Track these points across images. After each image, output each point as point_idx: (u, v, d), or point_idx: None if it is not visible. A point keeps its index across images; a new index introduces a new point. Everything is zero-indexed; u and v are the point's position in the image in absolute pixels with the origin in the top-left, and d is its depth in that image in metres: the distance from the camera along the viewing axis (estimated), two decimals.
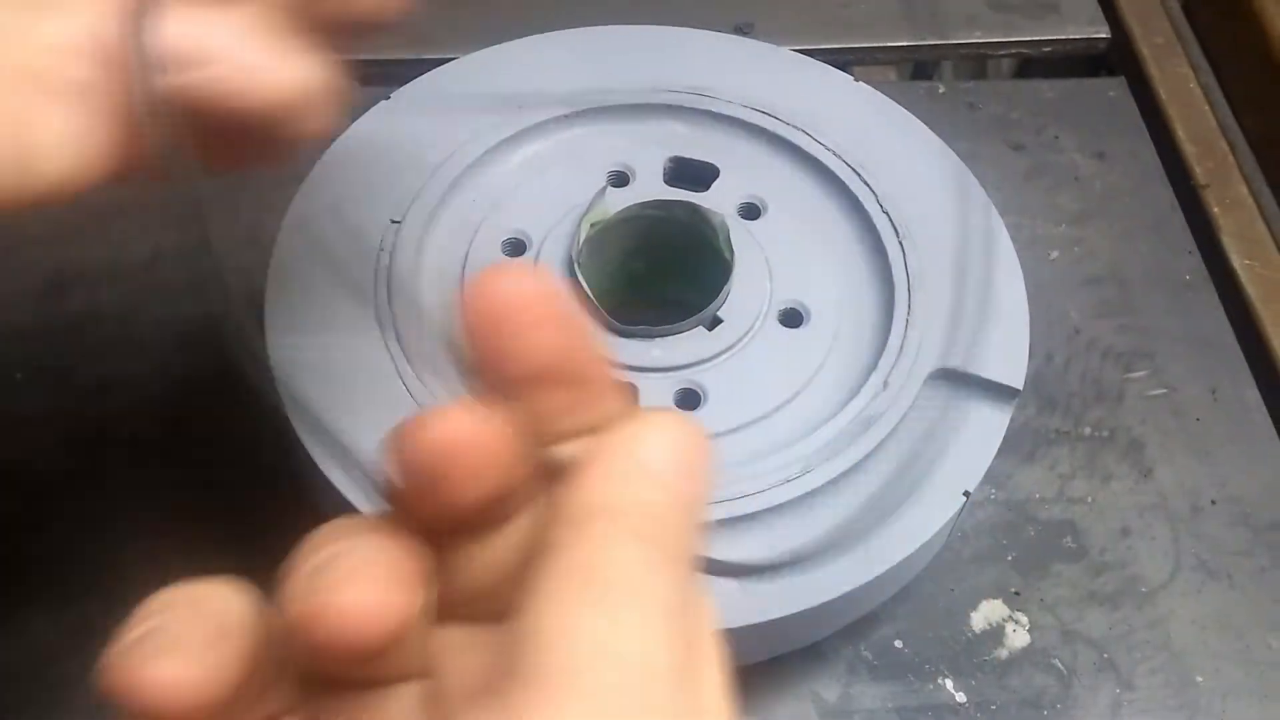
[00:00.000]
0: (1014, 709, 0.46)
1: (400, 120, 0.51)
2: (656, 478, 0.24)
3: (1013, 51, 0.70)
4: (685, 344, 0.46)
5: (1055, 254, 0.59)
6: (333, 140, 0.49)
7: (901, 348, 0.45)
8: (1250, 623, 0.48)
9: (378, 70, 0.64)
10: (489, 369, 0.24)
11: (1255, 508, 0.51)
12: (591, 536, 0.22)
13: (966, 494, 0.42)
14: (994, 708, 0.46)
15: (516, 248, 0.48)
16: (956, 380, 0.45)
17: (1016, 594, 0.48)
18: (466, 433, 0.23)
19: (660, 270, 0.51)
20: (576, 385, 0.25)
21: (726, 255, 0.47)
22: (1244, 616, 0.48)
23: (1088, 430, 0.53)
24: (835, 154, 0.51)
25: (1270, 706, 0.46)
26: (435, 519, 0.24)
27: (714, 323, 0.46)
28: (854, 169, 0.50)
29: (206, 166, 0.30)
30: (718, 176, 0.51)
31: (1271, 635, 0.48)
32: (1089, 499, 0.51)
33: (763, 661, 0.44)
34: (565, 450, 0.25)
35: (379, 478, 0.24)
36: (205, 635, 0.22)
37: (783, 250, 0.48)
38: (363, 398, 0.42)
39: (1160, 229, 0.61)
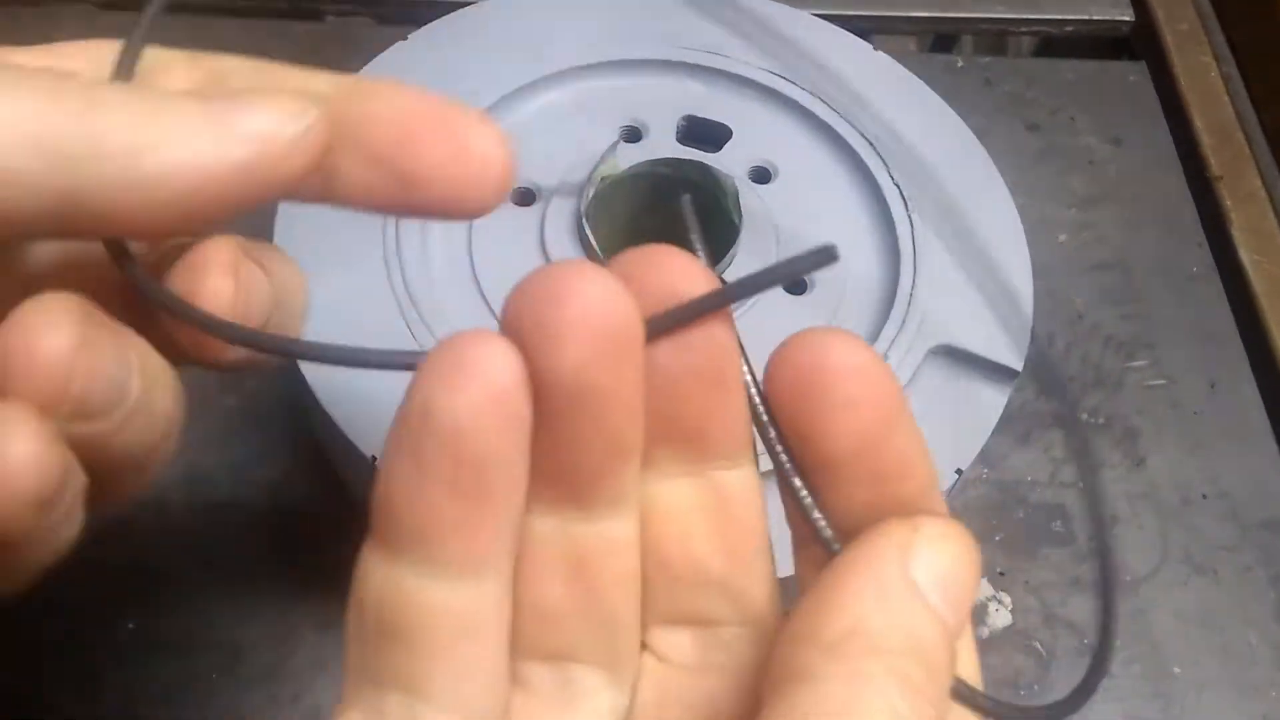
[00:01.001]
0: (991, 688, 0.45)
1: (417, 61, 0.50)
2: (930, 606, 0.21)
3: (1034, 29, 0.69)
4: None
5: (1063, 237, 0.59)
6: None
7: (904, 321, 0.45)
8: (1232, 619, 0.48)
9: (397, 9, 0.64)
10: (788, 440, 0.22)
11: (1245, 504, 0.51)
12: (851, 673, 0.19)
13: (959, 472, 0.42)
14: None
15: (526, 196, 0.48)
16: (957, 358, 0.44)
17: (1002, 574, 0.48)
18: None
19: (668, 229, 0.50)
20: (880, 480, 0.22)
21: (735, 218, 0.47)
22: (1226, 612, 0.49)
23: (1084, 416, 0.53)
24: (849, 122, 0.50)
25: (1246, 701, 0.47)
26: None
27: None
28: (867, 139, 0.50)
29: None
30: (730, 138, 0.50)
31: (1252, 632, 0.48)
32: (1080, 484, 0.51)
33: None
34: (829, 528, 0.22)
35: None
36: None
37: (791, 216, 0.48)
38: (366, 337, 0.42)
39: (1171, 219, 0.60)
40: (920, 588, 0.21)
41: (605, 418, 0.21)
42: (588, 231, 0.46)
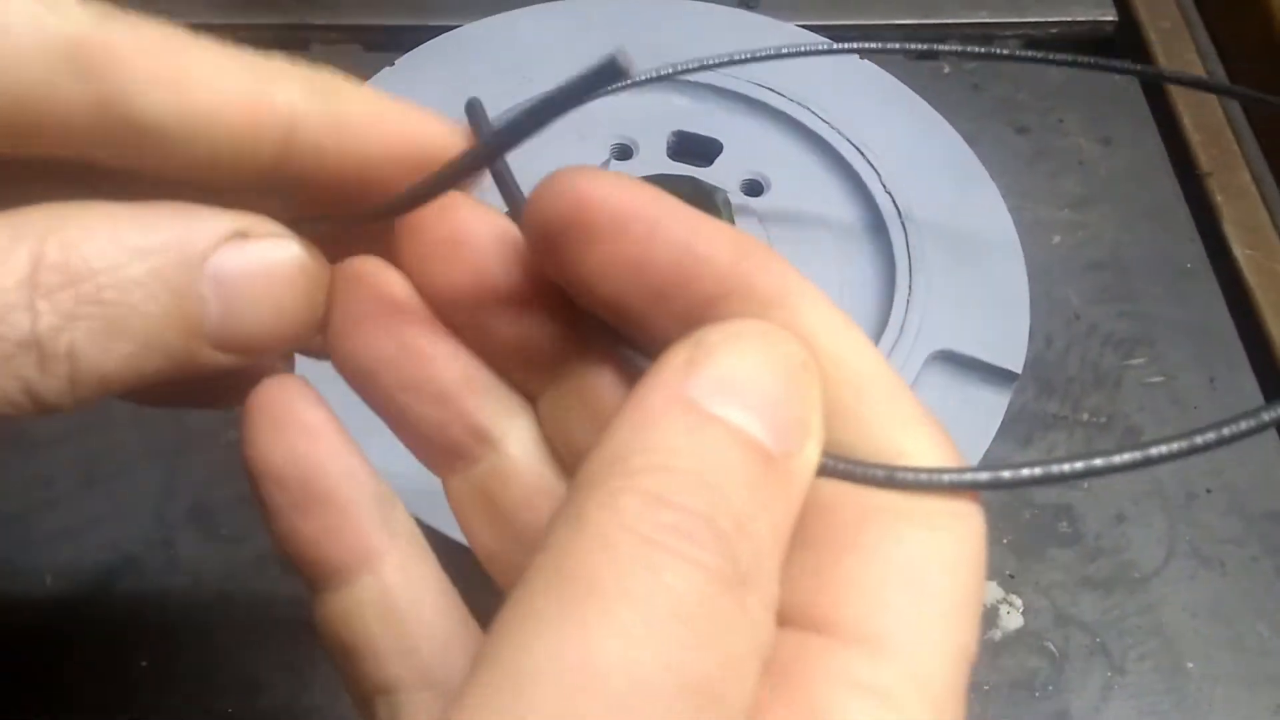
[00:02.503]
0: (1006, 690, 0.46)
1: (404, 87, 0.50)
2: (703, 417, 0.18)
3: (1019, 33, 0.69)
4: None
5: (1057, 238, 0.59)
6: None
7: (902, 328, 0.45)
8: (1241, 611, 0.48)
9: (382, 36, 0.64)
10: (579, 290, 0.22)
11: (1249, 497, 0.51)
12: (589, 509, 0.17)
13: None
14: (986, 688, 0.46)
15: None
16: (956, 362, 0.45)
17: (1011, 576, 0.48)
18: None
19: None
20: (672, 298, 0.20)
21: None
22: (1235, 604, 0.49)
23: (1086, 416, 0.53)
24: (839, 132, 0.51)
25: (1259, 693, 0.47)
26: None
27: None
28: (858, 148, 0.50)
29: None
30: (721, 152, 0.50)
31: (1262, 623, 0.48)
32: (1085, 484, 0.51)
33: None
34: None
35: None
36: None
37: (785, 228, 0.48)
38: None
39: (1163, 216, 0.61)
40: (696, 401, 0.18)
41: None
42: None
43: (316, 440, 0.24)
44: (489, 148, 0.21)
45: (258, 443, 0.23)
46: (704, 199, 0.47)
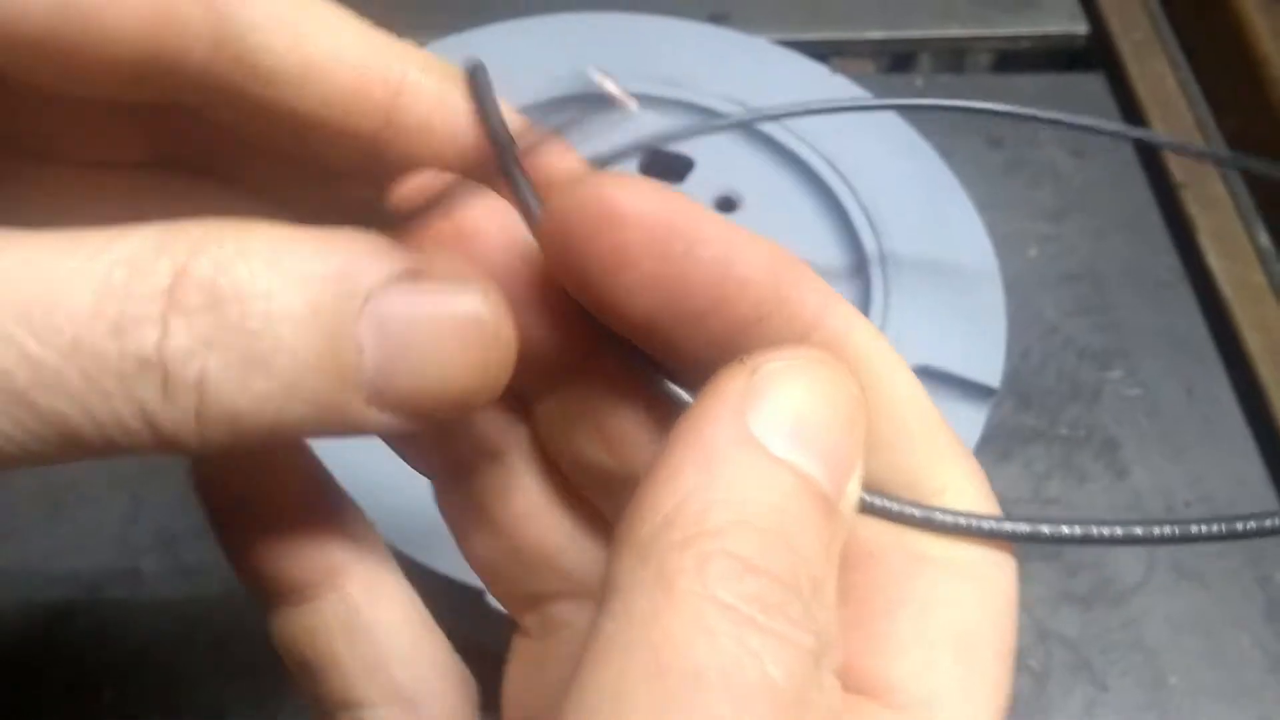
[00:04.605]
0: None
1: None
2: (776, 460, 0.18)
3: (991, 46, 0.69)
4: None
5: (1033, 251, 0.59)
6: None
7: None
8: (1223, 623, 0.48)
9: None
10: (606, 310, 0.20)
11: (1229, 508, 0.51)
12: (669, 575, 0.16)
13: None
14: None
15: None
16: (933, 378, 0.44)
17: None
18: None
19: None
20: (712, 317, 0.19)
21: None
22: (1217, 617, 0.48)
23: (1064, 429, 0.53)
24: (811, 147, 0.50)
25: (1242, 705, 0.46)
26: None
27: None
28: (830, 162, 0.50)
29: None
30: (693, 169, 0.50)
31: (1244, 636, 0.48)
32: (1064, 499, 0.51)
33: None
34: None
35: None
36: None
37: None
38: None
39: (1138, 227, 0.60)
40: (762, 440, 0.18)
41: None
42: None
43: (276, 454, 0.23)
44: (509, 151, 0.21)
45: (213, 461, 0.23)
46: None
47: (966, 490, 0.20)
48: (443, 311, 0.19)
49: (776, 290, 0.19)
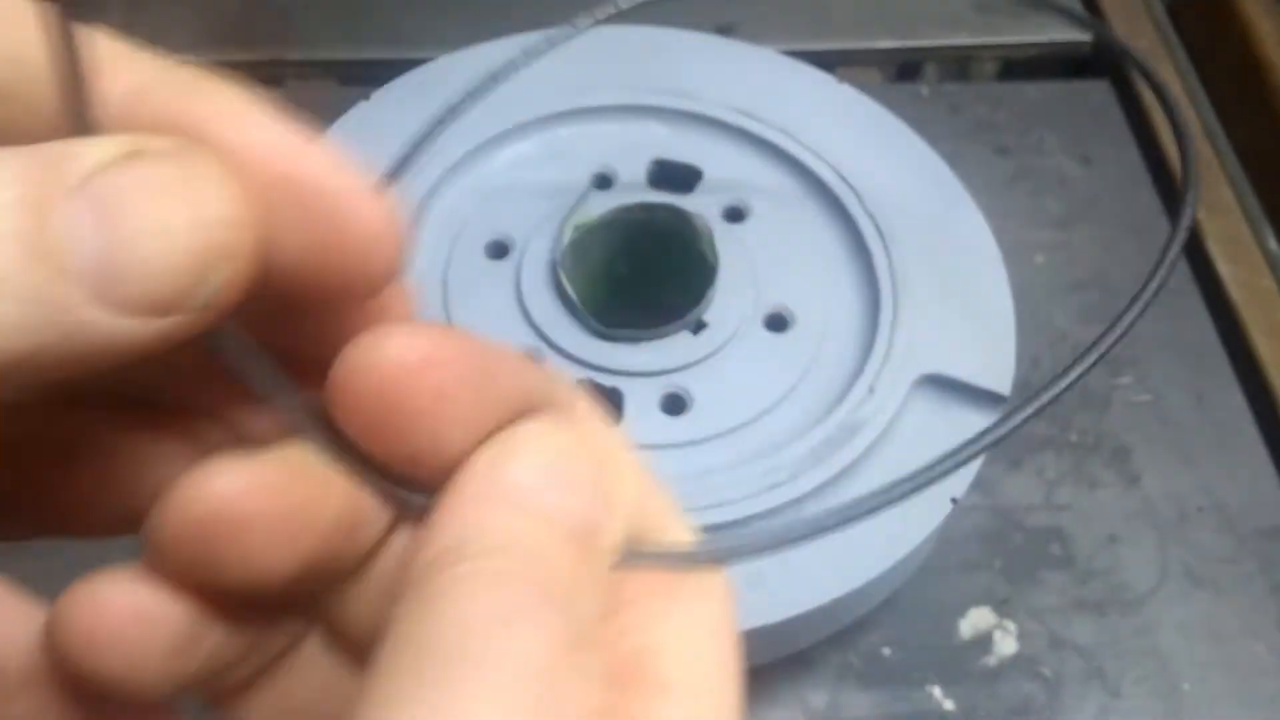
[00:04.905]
0: (1002, 717, 0.45)
1: (380, 121, 0.50)
2: (525, 503, 0.19)
3: (997, 54, 0.69)
4: (670, 348, 0.45)
5: (1040, 258, 0.59)
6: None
7: (887, 353, 0.45)
8: (1236, 630, 0.48)
9: (357, 70, 0.64)
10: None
11: (1241, 514, 0.51)
12: (436, 592, 0.17)
13: (954, 500, 0.42)
14: (982, 716, 0.45)
15: (499, 250, 0.48)
16: (942, 386, 0.44)
17: (1004, 601, 0.48)
18: (239, 497, 0.19)
19: (644, 273, 0.50)
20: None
21: (710, 259, 0.46)
22: (1230, 623, 0.48)
23: (1074, 436, 0.53)
24: (819, 157, 0.50)
25: (1256, 713, 0.46)
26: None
27: (699, 327, 0.45)
28: (838, 172, 0.50)
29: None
30: (701, 179, 0.50)
31: (1257, 642, 0.48)
32: (1075, 506, 0.51)
33: (750, 669, 0.43)
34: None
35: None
36: None
37: (767, 254, 0.48)
38: None
39: (1145, 233, 0.60)
40: (516, 488, 0.19)
41: None
42: (564, 281, 0.45)
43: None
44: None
45: None
46: (686, 227, 0.47)
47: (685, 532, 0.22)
48: (171, 187, 0.17)
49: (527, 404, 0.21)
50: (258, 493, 0.19)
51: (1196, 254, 0.60)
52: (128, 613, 0.19)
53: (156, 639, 0.20)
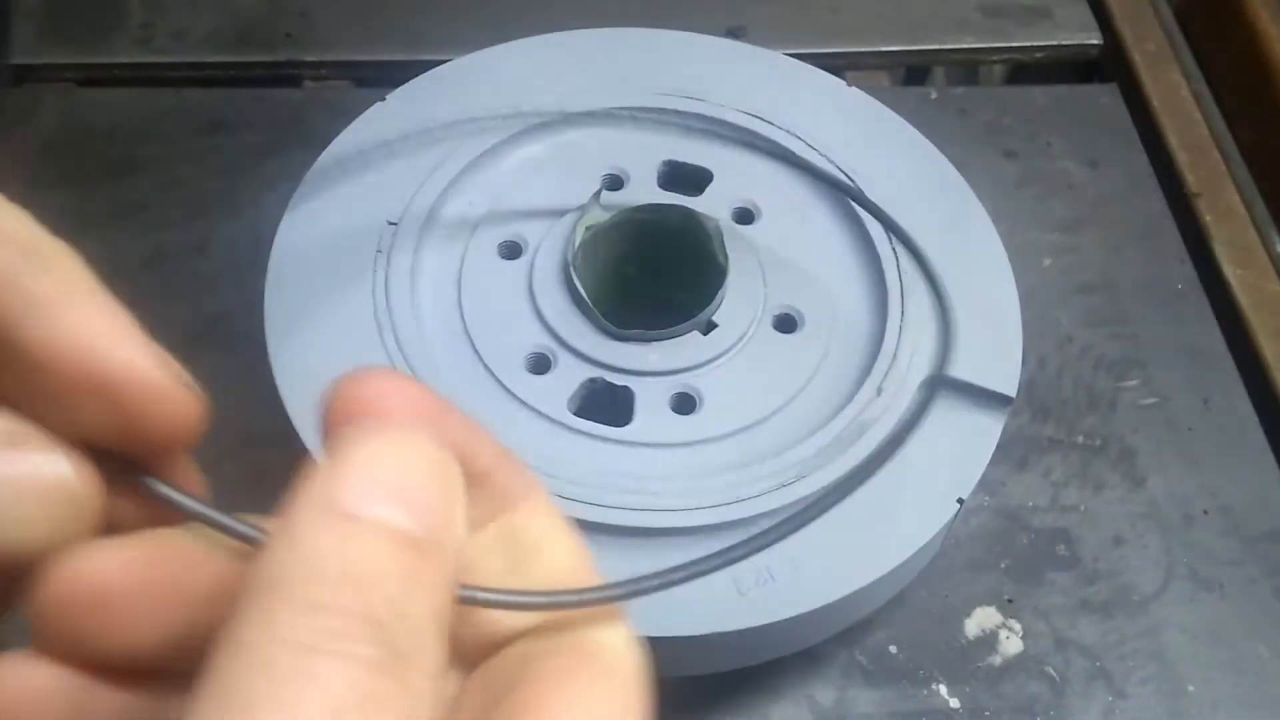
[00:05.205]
0: (1007, 716, 0.46)
1: (396, 122, 0.50)
2: (355, 515, 0.19)
3: (1004, 58, 0.70)
4: (680, 348, 0.45)
5: (1048, 261, 0.59)
6: (331, 142, 0.49)
7: (895, 354, 0.45)
8: (1241, 632, 0.48)
9: (374, 72, 0.64)
10: None
11: (1246, 518, 0.51)
12: (245, 623, 0.17)
13: (960, 501, 0.42)
14: (987, 714, 0.46)
15: (512, 250, 0.48)
16: (950, 387, 0.44)
17: (1010, 601, 0.48)
18: (109, 574, 0.20)
19: (655, 274, 0.51)
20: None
21: (721, 260, 0.47)
22: (1235, 626, 0.48)
23: (1080, 438, 0.53)
24: (829, 159, 0.51)
25: (1260, 715, 0.46)
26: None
27: (709, 327, 0.46)
28: (848, 175, 0.50)
29: None
30: (711, 181, 0.51)
31: (1262, 645, 0.48)
32: (1082, 507, 0.51)
33: (758, 665, 0.44)
34: None
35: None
36: None
37: (777, 255, 0.48)
38: None
39: (1152, 237, 0.61)
40: (340, 505, 0.19)
41: None
42: (575, 281, 0.46)
43: None
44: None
45: None
46: (696, 228, 0.47)
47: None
48: (24, 471, 0.20)
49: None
50: (127, 569, 0.20)
51: (1204, 257, 0.60)
52: (26, 694, 0.20)
53: (51, 716, 0.20)
